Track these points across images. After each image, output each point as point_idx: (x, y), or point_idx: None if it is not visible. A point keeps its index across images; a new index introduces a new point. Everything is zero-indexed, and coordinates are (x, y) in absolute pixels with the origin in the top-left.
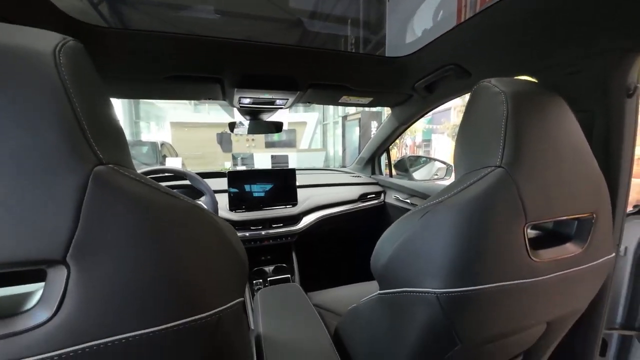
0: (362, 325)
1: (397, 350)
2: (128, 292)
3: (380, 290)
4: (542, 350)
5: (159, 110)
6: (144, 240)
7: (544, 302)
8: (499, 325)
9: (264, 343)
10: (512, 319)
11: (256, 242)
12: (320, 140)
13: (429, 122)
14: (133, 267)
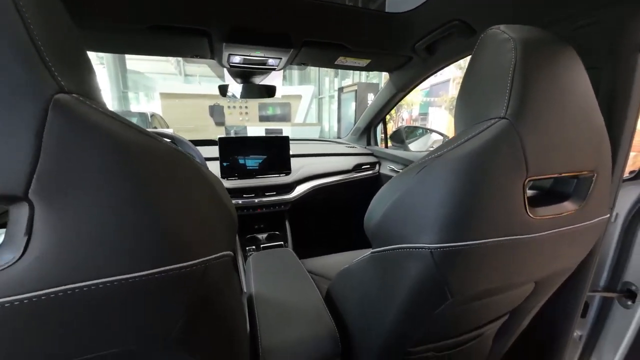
0: (354, 285)
1: (388, 306)
2: (104, 236)
3: (372, 249)
4: (528, 310)
5: (147, 80)
6: (119, 180)
7: (537, 259)
8: (490, 282)
9: (255, 302)
10: (503, 275)
11: (249, 209)
12: (315, 115)
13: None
14: (108, 209)
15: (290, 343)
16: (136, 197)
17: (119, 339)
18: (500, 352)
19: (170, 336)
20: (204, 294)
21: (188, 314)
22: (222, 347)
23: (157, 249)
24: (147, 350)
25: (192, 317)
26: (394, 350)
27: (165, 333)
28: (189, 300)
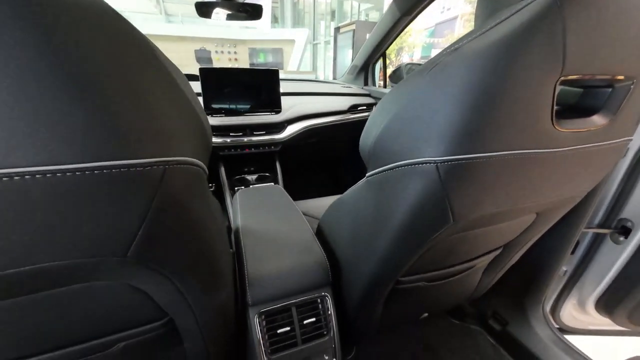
0: (346, 214)
1: (383, 233)
2: (16, 109)
3: (368, 173)
4: (521, 244)
5: None
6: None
7: (551, 179)
8: (497, 204)
9: (241, 234)
10: (511, 198)
11: (237, 149)
12: (309, 63)
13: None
14: (17, 71)
15: (277, 272)
16: (51, 59)
17: (63, 248)
18: (487, 285)
19: (127, 253)
20: (165, 205)
21: (148, 229)
22: (201, 274)
23: (87, 134)
24: (109, 270)
25: (154, 234)
26: (385, 279)
27: (121, 247)
28: (145, 211)
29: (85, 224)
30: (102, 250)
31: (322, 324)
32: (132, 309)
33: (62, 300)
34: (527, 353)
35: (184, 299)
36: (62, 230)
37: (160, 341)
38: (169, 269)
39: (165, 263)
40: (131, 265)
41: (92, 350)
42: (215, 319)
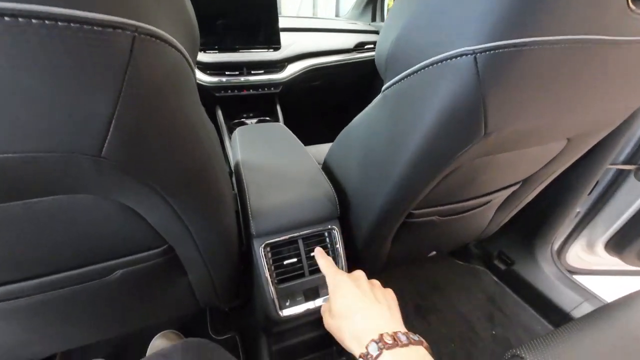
0: (357, 139)
1: (399, 154)
2: None
3: (385, 86)
4: (542, 178)
5: None
6: None
7: (608, 85)
8: (538, 113)
9: (242, 168)
10: (557, 107)
11: (234, 90)
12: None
13: None
14: None
15: (282, 205)
16: None
17: (20, 133)
18: (498, 224)
19: (102, 152)
20: (141, 90)
21: (123, 120)
22: (198, 194)
23: None
24: (87, 176)
25: (132, 128)
26: (397, 211)
27: (92, 140)
28: (115, 92)
29: (43, 100)
30: (68, 143)
31: (330, 256)
32: (128, 233)
33: (53, 219)
34: (531, 290)
35: (182, 223)
36: (13, 103)
37: (161, 271)
38: (158, 183)
39: (153, 173)
40: (111, 170)
41: (89, 277)
42: (217, 248)
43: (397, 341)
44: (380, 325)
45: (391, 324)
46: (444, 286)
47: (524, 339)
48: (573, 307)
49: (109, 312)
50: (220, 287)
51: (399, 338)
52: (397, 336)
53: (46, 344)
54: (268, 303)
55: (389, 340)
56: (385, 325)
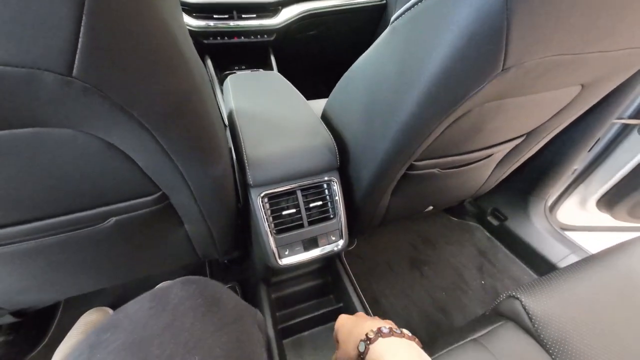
0: (360, 81)
1: (408, 92)
2: None
3: (394, 16)
4: (547, 131)
5: None
6: None
7: (635, 15)
8: (561, 46)
9: (236, 116)
10: (584, 36)
11: (224, 37)
12: None
13: None
14: None
15: (280, 154)
16: None
17: None
18: (496, 180)
19: (73, 71)
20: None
21: (92, 32)
22: (188, 130)
23: None
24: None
25: (103, 41)
26: (400, 160)
27: (60, 55)
28: None
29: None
30: (34, 56)
31: (328, 207)
32: (118, 177)
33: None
34: (521, 244)
35: (173, 165)
36: None
37: (156, 220)
38: (139, 110)
39: (132, 98)
40: (84, 95)
41: (82, 223)
42: (213, 195)
43: (380, 333)
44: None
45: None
46: (438, 241)
47: (510, 288)
48: (560, 258)
49: (105, 261)
50: (219, 239)
51: (381, 331)
52: (380, 329)
53: (45, 291)
54: (267, 253)
55: (372, 335)
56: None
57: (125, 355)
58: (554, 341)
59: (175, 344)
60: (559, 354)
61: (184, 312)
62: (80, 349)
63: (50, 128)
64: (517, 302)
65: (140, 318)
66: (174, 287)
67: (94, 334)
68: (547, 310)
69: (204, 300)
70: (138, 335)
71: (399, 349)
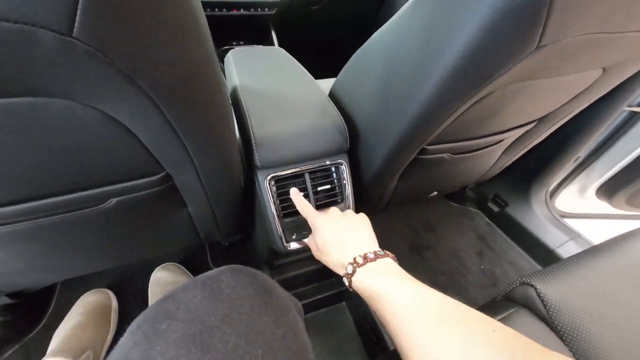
0: (377, 56)
1: (432, 68)
2: None
3: None
4: (559, 117)
5: None
6: None
7: None
8: (602, 19)
9: (241, 93)
10: (625, 11)
11: (222, 9)
12: None
13: None
14: None
15: (288, 134)
16: None
17: None
18: (501, 166)
19: (73, 31)
20: None
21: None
22: (195, 102)
23: None
24: (56, 65)
25: None
26: (412, 146)
27: (57, 11)
28: None
29: None
30: (31, 10)
31: (336, 191)
32: (120, 155)
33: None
34: (521, 230)
35: (179, 143)
36: None
37: (159, 202)
38: (147, 79)
39: (139, 65)
40: (86, 59)
41: (82, 204)
42: (220, 177)
43: (367, 259)
44: (354, 250)
45: (363, 247)
46: (438, 226)
47: (509, 273)
48: (558, 245)
49: (105, 243)
50: (222, 221)
51: (368, 256)
52: (366, 255)
53: (43, 273)
54: (274, 237)
55: (360, 260)
56: (358, 249)
57: (188, 347)
58: (567, 328)
59: (237, 336)
60: (572, 340)
61: (240, 303)
62: (134, 339)
63: (49, 98)
64: (532, 289)
65: (197, 308)
66: (223, 276)
67: (147, 324)
68: (561, 297)
69: (255, 290)
70: (197, 327)
71: (383, 270)
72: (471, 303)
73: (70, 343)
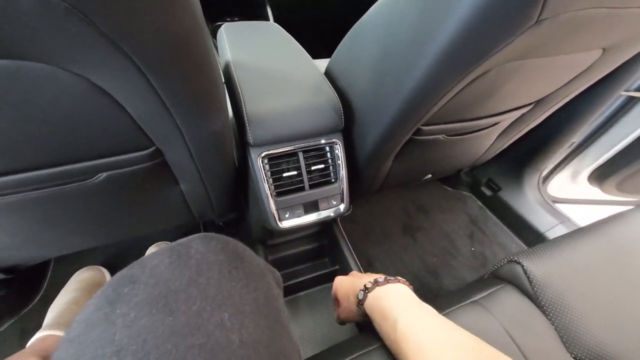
0: (374, 32)
1: (428, 45)
2: None
3: None
4: (556, 100)
5: None
6: None
7: None
8: None
9: (234, 68)
10: None
11: None
12: None
13: None
14: None
15: (282, 111)
16: None
17: None
18: (495, 150)
19: None
20: None
21: None
22: (185, 75)
23: None
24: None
25: None
26: (407, 126)
27: None
28: None
29: None
30: None
31: (330, 171)
32: (108, 127)
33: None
34: (512, 213)
35: (168, 114)
36: None
37: (149, 178)
38: (134, 46)
39: (126, 30)
40: (66, 18)
41: (70, 177)
42: (211, 152)
43: (377, 283)
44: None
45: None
46: (431, 208)
47: (499, 255)
48: (548, 228)
49: (96, 219)
50: (216, 199)
51: (378, 281)
52: (376, 280)
53: (33, 249)
54: (267, 215)
55: (370, 285)
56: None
57: (150, 309)
58: (550, 303)
59: (203, 299)
60: (554, 315)
61: (208, 268)
62: (96, 304)
63: (31, 62)
64: (519, 266)
65: (162, 272)
66: (192, 242)
67: (110, 288)
68: (546, 274)
69: (226, 256)
70: (161, 290)
71: (393, 292)
72: (460, 282)
73: (65, 317)
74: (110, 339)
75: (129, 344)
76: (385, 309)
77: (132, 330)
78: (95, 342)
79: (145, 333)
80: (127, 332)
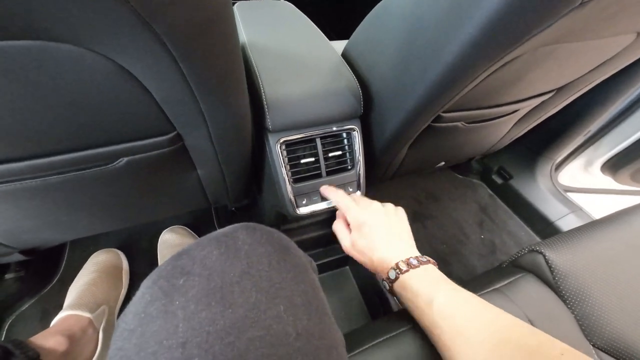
0: (400, 11)
1: (460, 27)
2: None
3: None
4: (578, 88)
5: None
6: None
7: None
8: None
9: (250, 51)
10: None
11: None
12: None
13: None
14: None
15: (300, 96)
16: None
17: None
18: (511, 138)
19: None
20: None
21: None
22: (203, 44)
23: None
24: None
25: None
26: (429, 112)
27: None
28: None
29: None
30: None
31: (347, 158)
32: (131, 111)
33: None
34: (522, 202)
35: (192, 96)
36: None
37: (169, 163)
38: (167, 29)
39: (160, 9)
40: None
41: (91, 162)
42: (231, 137)
43: (410, 265)
44: (396, 253)
45: (406, 251)
46: (441, 196)
47: (508, 243)
48: (558, 217)
49: (115, 203)
50: (232, 185)
51: (411, 263)
52: (409, 261)
53: (52, 232)
54: (285, 201)
55: (404, 267)
56: (400, 253)
57: (208, 301)
58: (572, 292)
59: (257, 292)
60: (575, 304)
61: (258, 260)
62: (152, 294)
63: (57, 43)
64: (540, 256)
65: (214, 264)
66: (238, 233)
67: (163, 279)
68: (568, 264)
69: (272, 247)
70: (217, 282)
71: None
72: (470, 270)
73: (85, 298)
74: (173, 330)
75: (193, 336)
76: (419, 290)
77: (194, 323)
78: (159, 333)
79: (207, 325)
80: (189, 324)
